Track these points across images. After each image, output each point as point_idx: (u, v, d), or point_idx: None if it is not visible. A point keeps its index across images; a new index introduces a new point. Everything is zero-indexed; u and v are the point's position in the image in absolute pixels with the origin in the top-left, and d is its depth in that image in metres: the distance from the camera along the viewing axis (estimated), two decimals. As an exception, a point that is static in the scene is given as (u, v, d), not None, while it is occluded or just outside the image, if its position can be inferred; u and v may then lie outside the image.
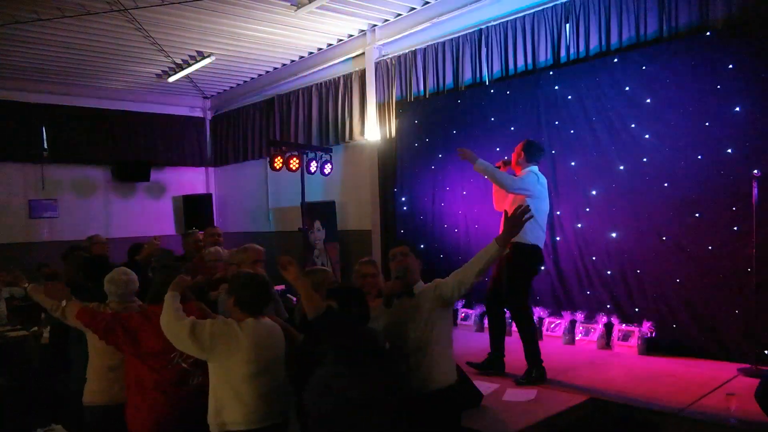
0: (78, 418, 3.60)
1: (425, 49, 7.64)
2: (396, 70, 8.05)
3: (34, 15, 6.95)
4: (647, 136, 5.53)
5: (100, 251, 6.12)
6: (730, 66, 5.02)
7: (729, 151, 5.02)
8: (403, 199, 7.85)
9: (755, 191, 4.60)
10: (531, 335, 4.80)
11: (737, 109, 4.98)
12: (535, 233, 4.77)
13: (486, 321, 5.93)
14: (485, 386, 4.42)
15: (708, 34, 5.22)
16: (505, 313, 5.12)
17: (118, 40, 8.08)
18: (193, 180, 11.82)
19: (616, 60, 5.78)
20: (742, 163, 4.89)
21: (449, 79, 7.37)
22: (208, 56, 8.85)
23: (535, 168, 4.97)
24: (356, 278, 3.78)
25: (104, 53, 8.60)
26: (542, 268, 5.49)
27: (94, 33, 7.73)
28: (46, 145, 9.95)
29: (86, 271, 4.23)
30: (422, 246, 7.53)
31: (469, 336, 6.38)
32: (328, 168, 8.38)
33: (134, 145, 10.87)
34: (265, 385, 2.98)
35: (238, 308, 3.05)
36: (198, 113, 11.92)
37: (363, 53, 8.45)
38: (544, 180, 4.99)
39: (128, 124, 10.79)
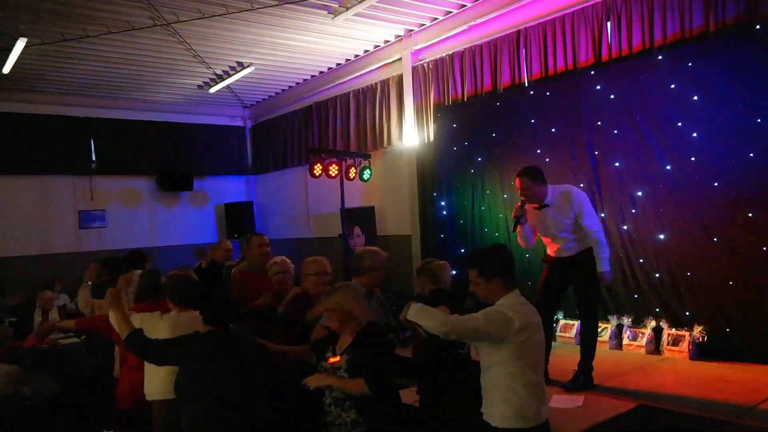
0: (129, 423, 3.71)
1: (462, 51, 7.60)
2: (433, 74, 8.03)
3: (82, 32, 7.21)
4: (695, 135, 5.37)
5: (220, 258, 6.33)
6: (783, 59, 4.84)
7: (782, 147, 4.84)
8: (443, 203, 7.81)
9: (812, 189, 4.41)
10: (595, 342, 4.74)
11: (791, 103, 4.79)
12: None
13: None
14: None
15: (758, 27, 5.04)
16: (552, 321, 5.04)
17: (160, 54, 8.30)
18: (234, 188, 12.04)
19: (660, 57, 5.63)
20: (796, 159, 4.70)
21: (487, 82, 7.31)
22: (248, 66, 9.01)
23: (548, 185, 4.70)
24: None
25: (148, 67, 8.85)
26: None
27: (137, 47, 7.96)
28: (94, 157, 10.32)
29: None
30: (462, 251, 7.48)
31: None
32: (367, 174, 8.40)
33: (177, 155, 11.15)
34: None
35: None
36: (238, 122, 12.14)
37: (400, 58, 8.46)
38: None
39: (171, 135, 11.08)
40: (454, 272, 4.62)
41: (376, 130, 9.04)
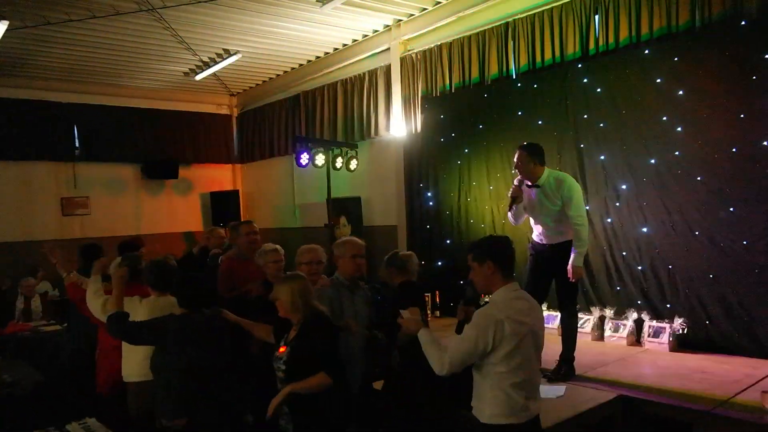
0: (111, 411, 3.71)
1: (451, 43, 7.59)
2: (421, 64, 8.01)
3: (65, 16, 7.09)
4: (679, 129, 5.42)
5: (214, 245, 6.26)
6: (766, 56, 4.89)
7: (765, 143, 4.89)
8: (429, 194, 7.82)
9: (792, 184, 4.47)
10: (575, 334, 4.81)
11: (773, 100, 4.85)
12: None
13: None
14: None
15: (743, 23, 5.08)
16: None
17: (146, 40, 8.20)
18: (220, 177, 11.97)
19: (647, 52, 5.67)
20: (778, 155, 4.76)
21: (475, 73, 7.31)
22: (235, 54, 8.93)
23: (547, 168, 4.71)
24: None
25: (133, 53, 8.74)
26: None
27: (123, 33, 7.86)
28: (77, 144, 10.19)
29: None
30: (448, 242, 7.51)
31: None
32: (353, 164, 8.39)
33: (163, 143, 11.04)
34: None
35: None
36: (225, 110, 12.05)
37: (388, 48, 8.43)
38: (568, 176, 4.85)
39: (157, 122, 10.97)
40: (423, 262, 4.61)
41: (363, 120, 9.02)
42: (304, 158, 7.91)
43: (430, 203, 7.81)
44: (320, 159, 8.07)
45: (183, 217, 11.29)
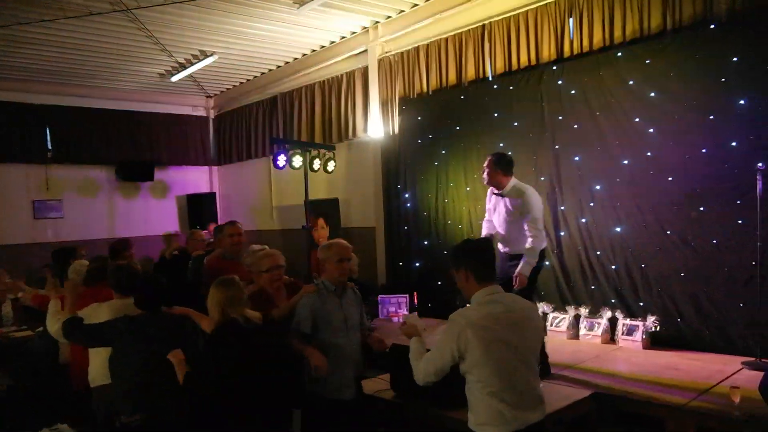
0: (84, 417, 3.70)
1: (428, 45, 7.63)
2: (399, 66, 8.04)
3: (37, 16, 6.98)
4: (651, 130, 5.51)
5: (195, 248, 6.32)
6: (735, 59, 5.00)
7: (733, 144, 5.00)
8: (407, 195, 7.85)
9: (759, 184, 4.58)
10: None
11: (742, 102, 4.96)
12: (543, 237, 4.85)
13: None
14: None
15: (712, 26, 5.20)
16: None
17: (120, 41, 8.10)
18: (196, 179, 11.87)
19: (619, 54, 5.76)
20: (746, 156, 4.86)
21: (452, 75, 7.36)
22: (211, 55, 8.87)
23: (514, 179, 4.89)
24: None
25: (107, 53, 8.63)
26: (546, 263, 5.48)
27: (96, 33, 7.75)
28: (50, 146, 10.02)
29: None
30: (426, 243, 7.54)
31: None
32: (331, 165, 8.36)
33: (138, 144, 10.92)
34: None
35: None
36: (201, 112, 11.96)
37: (366, 50, 8.44)
38: (530, 187, 4.94)
39: (132, 123, 10.84)
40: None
41: (341, 121, 9.02)
42: (282, 160, 7.86)
43: (408, 204, 7.84)
44: (298, 160, 8.02)
45: (159, 220, 11.15)
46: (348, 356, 3.63)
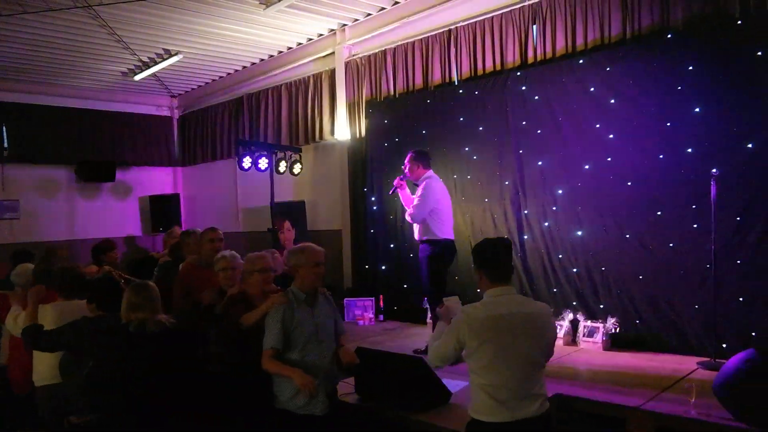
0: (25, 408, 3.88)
1: (395, 48, 7.67)
2: (366, 69, 8.06)
3: (-6, 10, 6.78)
4: (611, 136, 5.64)
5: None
6: (690, 67, 5.16)
7: (689, 150, 5.15)
8: (373, 198, 7.86)
9: (713, 190, 4.72)
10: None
11: (697, 109, 5.12)
12: (443, 228, 5.56)
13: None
14: (453, 384, 4.45)
15: (669, 36, 5.36)
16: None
17: (81, 38, 7.92)
18: (160, 180, 11.65)
19: (581, 61, 5.88)
20: (701, 162, 5.02)
21: (419, 79, 7.41)
22: (175, 54, 8.74)
23: (431, 172, 5.71)
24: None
25: (67, 50, 8.43)
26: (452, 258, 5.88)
27: (56, 30, 7.57)
28: (6, 144, 9.71)
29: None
30: (392, 246, 7.56)
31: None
32: (297, 168, 8.34)
33: (99, 144, 10.67)
34: None
35: None
36: (165, 112, 11.75)
37: (333, 52, 8.44)
38: (439, 181, 5.78)
39: (93, 123, 10.58)
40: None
41: (307, 123, 8.98)
42: (247, 161, 7.82)
43: (374, 207, 7.85)
44: (263, 162, 7.99)
45: (121, 222, 10.93)
46: (319, 369, 3.42)
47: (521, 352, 2.78)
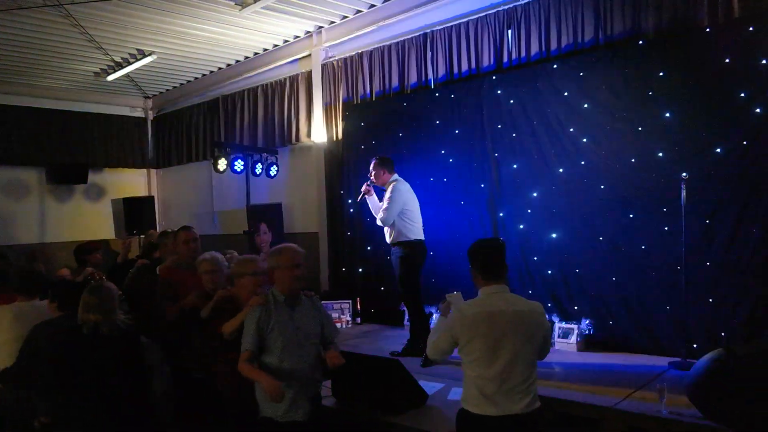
0: None
1: (371, 51, 7.68)
2: (342, 72, 8.05)
3: (-39, 8, 6.63)
4: (585, 140, 5.73)
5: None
6: (661, 74, 5.26)
7: (660, 154, 5.26)
8: (350, 201, 7.85)
9: (683, 193, 4.83)
10: (425, 323, 5.59)
11: (667, 114, 5.22)
12: (414, 230, 5.67)
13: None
14: (430, 386, 4.48)
15: (640, 42, 5.46)
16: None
17: (52, 37, 7.78)
18: (134, 182, 11.48)
19: (555, 66, 5.96)
20: (671, 166, 5.12)
21: (395, 82, 7.43)
22: (149, 55, 8.63)
23: (396, 176, 5.84)
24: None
25: (38, 50, 8.26)
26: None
27: (26, 28, 7.42)
28: (-26, 145, 9.51)
29: None
30: (369, 248, 7.57)
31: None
32: (273, 170, 8.29)
33: (71, 145, 10.46)
34: None
35: None
36: (139, 113, 11.58)
37: (309, 55, 8.42)
38: (406, 183, 5.85)
39: (64, 123, 10.38)
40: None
41: (284, 125, 8.94)
42: (222, 164, 7.75)
43: (351, 210, 7.84)
44: (239, 165, 7.93)
45: (93, 225, 10.72)
46: (300, 373, 3.30)
47: (510, 348, 2.86)
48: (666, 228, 5.18)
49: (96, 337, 3.34)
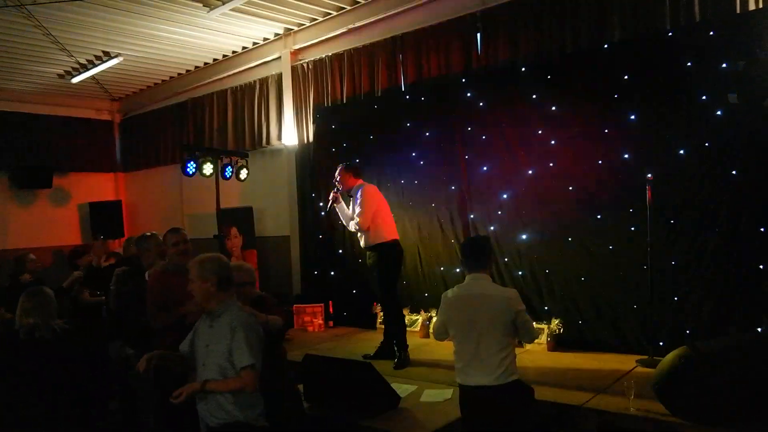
0: None
1: (342, 54, 7.67)
2: (312, 74, 8.03)
3: None
4: (553, 142, 5.80)
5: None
6: (626, 77, 5.37)
7: (625, 156, 5.36)
8: (321, 203, 7.81)
9: (648, 194, 4.92)
10: (402, 326, 5.62)
11: (632, 117, 5.33)
12: (388, 230, 5.66)
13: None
14: (402, 388, 4.48)
15: (605, 46, 5.56)
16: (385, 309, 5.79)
17: (14, 38, 7.59)
18: (100, 186, 11.26)
19: (523, 69, 6.03)
20: (637, 166, 5.22)
21: (365, 84, 7.44)
22: (115, 57, 8.48)
23: (362, 181, 5.83)
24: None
25: (0, 51, 8.04)
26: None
27: (-14, 30, 7.23)
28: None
29: None
30: (340, 251, 7.54)
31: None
32: (244, 173, 8.18)
33: (35, 149, 10.20)
34: None
35: None
36: (105, 116, 11.38)
37: (279, 57, 8.37)
38: (373, 185, 5.89)
39: (28, 127, 10.11)
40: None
41: (254, 128, 8.87)
42: (191, 167, 7.64)
43: (323, 213, 7.79)
44: (208, 168, 7.81)
45: (59, 230, 10.49)
46: (199, 396, 3.02)
47: (479, 327, 3.34)
48: (632, 228, 5.27)
49: (31, 342, 3.41)
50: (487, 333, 3.32)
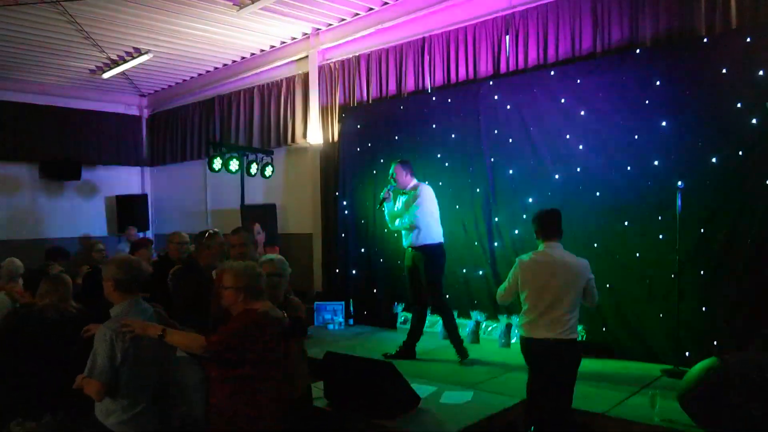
0: None
1: (369, 54, 7.68)
2: (339, 74, 8.05)
3: (-43, 2, 6.58)
4: (581, 147, 5.74)
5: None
6: (657, 82, 5.29)
7: (656, 163, 5.28)
8: (345, 203, 7.84)
9: (679, 202, 4.85)
10: (455, 324, 5.62)
11: (663, 123, 5.25)
12: (440, 232, 5.67)
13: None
14: (423, 389, 4.47)
15: (637, 51, 5.49)
16: (425, 309, 5.78)
17: (49, 33, 7.74)
18: (127, 180, 11.42)
19: (552, 73, 5.98)
20: (667, 174, 5.14)
21: (392, 86, 7.44)
22: (146, 53, 8.60)
23: (416, 180, 5.79)
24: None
25: (34, 46, 8.21)
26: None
27: (23, 25, 7.37)
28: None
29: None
30: (362, 250, 7.56)
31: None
32: (268, 170, 8.28)
33: (64, 142, 10.38)
34: None
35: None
36: (134, 111, 11.54)
37: (306, 56, 8.41)
38: (429, 187, 5.81)
39: (58, 120, 10.31)
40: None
41: (280, 126, 8.93)
42: (217, 163, 7.74)
43: (346, 212, 7.83)
44: (234, 164, 7.92)
45: (86, 221, 10.67)
46: None
47: (554, 289, 3.71)
48: (661, 236, 5.20)
49: (42, 322, 3.61)
50: (561, 295, 3.70)
